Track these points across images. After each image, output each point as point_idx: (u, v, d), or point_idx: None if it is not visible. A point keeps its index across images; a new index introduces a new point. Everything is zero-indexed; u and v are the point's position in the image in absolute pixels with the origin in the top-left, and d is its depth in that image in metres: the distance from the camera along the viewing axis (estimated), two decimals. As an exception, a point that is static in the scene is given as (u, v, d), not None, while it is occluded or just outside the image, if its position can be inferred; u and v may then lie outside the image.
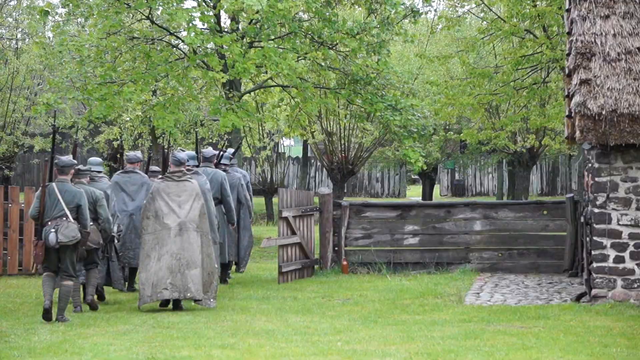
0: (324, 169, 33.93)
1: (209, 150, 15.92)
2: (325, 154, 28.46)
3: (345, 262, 17.16)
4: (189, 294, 12.97)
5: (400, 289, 15.09)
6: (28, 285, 15.44)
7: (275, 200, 28.40)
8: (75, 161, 12.86)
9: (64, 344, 10.45)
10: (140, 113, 22.15)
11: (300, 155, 38.49)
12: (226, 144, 18.18)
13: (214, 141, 25.58)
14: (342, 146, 28.02)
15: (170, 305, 13.17)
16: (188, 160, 14.16)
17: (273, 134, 30.16)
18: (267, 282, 16.16)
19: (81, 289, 13.25)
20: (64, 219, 12.07)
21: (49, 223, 12.07)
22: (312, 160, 40.80)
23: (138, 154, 15.24)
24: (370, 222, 17.50)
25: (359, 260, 17.37)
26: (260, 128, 28.54)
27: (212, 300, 13.26)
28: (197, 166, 15.06)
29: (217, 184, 15.30)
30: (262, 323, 12.02)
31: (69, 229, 12.01)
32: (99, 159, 14.63)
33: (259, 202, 30.53)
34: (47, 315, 11.88)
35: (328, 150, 28.20)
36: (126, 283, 14.85)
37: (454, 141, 34.47)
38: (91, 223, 12.60)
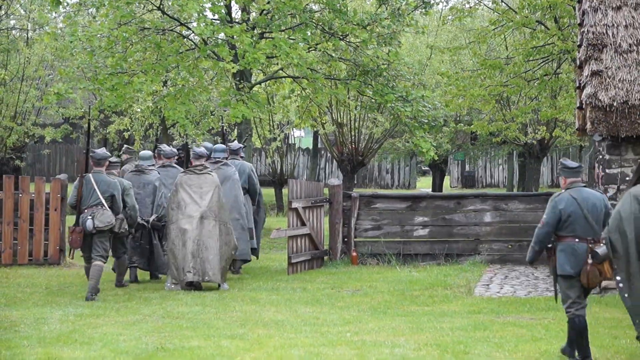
0: (334, 160, 33.92)
1: (235, 144, 16.67)
2: (336, 145, 28.44)
3: (354, 253, 17.16)
4: (206, 277, 14.04)
5: (410, 280, 15.08)
6: (38, 275, 15.49)
7: (285, 191, 28.42)
8: (109, 154, 13.92)
9: (74, 333, 10.48)
10: (150, 104, 22.15)
11: (311, 147, 38.47)
12: (228, 136, 18.07)
13: (224, 130, 25.58)
14: (353, 137, 27.99)
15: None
16: (215, 153, 15.59)
17: (283, 125, 30.14)
18: (277, 273, 16.17)
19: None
20: (100, 207, 13.17)
21: (86, 210, 13.16)
22: (322, 152, 40.78)
23: (173, 149, 16.18)
24: (380, 214, 17.48)
25: (369, 251, 17.36)
26: (271, 119, 28.53)
27: (226, 283, 14.33)
28: (227, 158, 16.03)
29: (244, 175, 16.17)
30: (272, 314, 12.03)
31: (104, 215, 13.12)
32: (149, 152, 15.52)
33: (268, 193, 30.54)
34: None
35: (338, 142, 28.17)
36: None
37: (465, 132, 34.38)
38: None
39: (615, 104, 12.48)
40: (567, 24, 21.72)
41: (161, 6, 19.52)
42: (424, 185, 43.93)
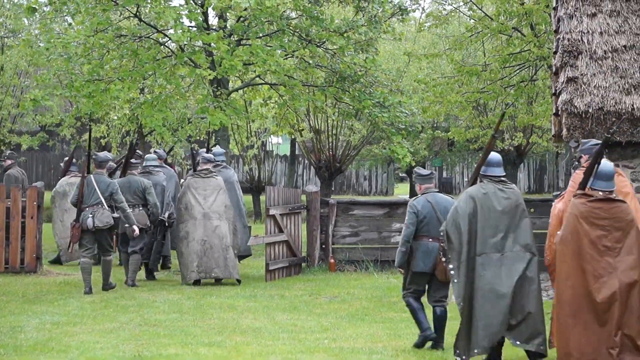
0: (312, 167, 33.89)
1: (219, 150, 17.40)
2: (313, 152, 28.43)
3: (332, 260, 17.17)
4: (213, 274, 15.23)
5: (388, 287, 15.10)
6: (14, 283, 15.39)
7: (262, 198, 28.36)
8: (110, 157, 15.09)
9: (50, 341, 10.43)
10: (127, 111, 22.07)
11: (288, 153, 38.44)
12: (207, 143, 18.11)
13: (201, 139, 25.51)
14: (330, 144, 28.00)
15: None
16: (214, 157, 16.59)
17: (260, 133, 30.11)
18: (254, 280, 16.15)
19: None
20: (100, 206, 14.12)
21: (87, 209, 14.11)
22: (300, 158, 40.75)
23: (161, 151, 17.59)
24: (358, 220, 17.50)
25: (346, 258, 17.37)
26: (248, 127, 28.49)
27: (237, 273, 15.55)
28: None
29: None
30: (249, 321, 12.02)
31: (103, 215, 14.06)
32: (154, 155, 16.84)
33: (246, 200, 30.42)
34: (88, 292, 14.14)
35: (316, 148, 28.16)
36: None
37: (442, 139, 34.49)
38: (140, 208, 15.13)
39: (590, 110, 12.55)
40: (543, 30, 21.85)
41: (138, 13, 19.47)
42: (402, 191, 43.97)
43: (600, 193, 8.89)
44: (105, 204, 14.14)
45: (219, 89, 19.40)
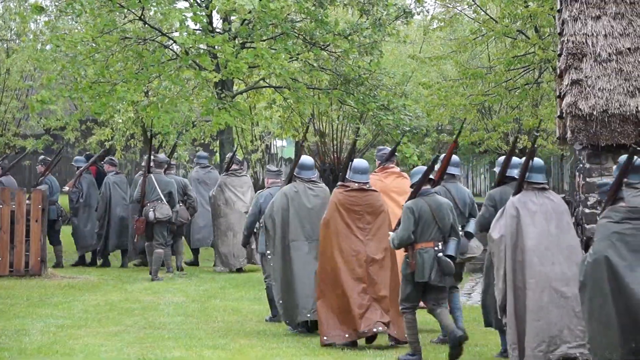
0: (317, 170, 33.87)
1: (162, 156, 18.10)
2: (318, 155, 28.44)
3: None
4: (253, 260, 16.87)
5: (392, 290, 15.05)
6: (19, 286, 15.39)
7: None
8: (168, 158, 17.33)
9: (55, 345, 10.43)
10: (132, 114, 22.08)
11: (293, 157, 38.44)
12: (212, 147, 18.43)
13: (205, 142, 25.53)
14: (335, 147, 28.00)
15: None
16: (199, 160, 19.14)
17: (264, 136, 30.11)
18: (259, 283, 16.11)
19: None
20: (159, 201, 15.97)
21: (148, 204, 15.94)
22: (305, 161, 40.73)
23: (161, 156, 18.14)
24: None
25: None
26: (252, 130, 28.50)
27: None
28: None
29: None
30: (254, 324, 12.03)
31: (163, 209, 15.95)
32: (165, 157, 17.75)
33: (251, 203, 30.41)
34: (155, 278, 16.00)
35: (320, 152, 28.17)
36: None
37: (447, 142, 34.43)
38: (180, 204, 16.81)
39: (595, 112, 12.54)
40: (548, 33, 21.82)
41: (142, 16, 19.48)
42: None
43: (356, 184, 10.60)
44: (164, 199, 16.00)
45: (223, 92, 19.41)
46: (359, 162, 10.78)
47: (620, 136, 12.58)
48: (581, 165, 13.73)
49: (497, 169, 10.46)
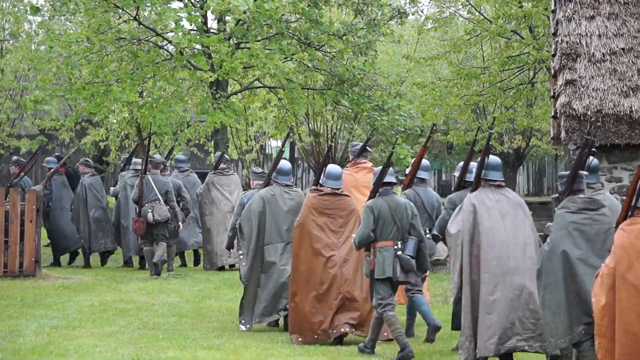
0: (311, 170, 33.88)
1: (159, 157, 18.35)
2: (312, 155, 28.43)
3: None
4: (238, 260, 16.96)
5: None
6: (13, 287, 15.36)
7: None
8: (164, 159, 17.62)
9: (49, 345, 10.42)
10: (127, 115, 22.06)
11: (288, 157, 38.44)
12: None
13: (200, 142, 25.51)
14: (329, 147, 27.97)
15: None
16: (179, 163, 18.67)
17: (259, 137, 30.10)
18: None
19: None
20: (157, 202, 16.23)
21: (146, 205, 16.18)
22: (299, 162, 40.77)
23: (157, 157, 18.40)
24: (357, 223, 17.52)
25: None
26: (247, 130, 28.48)
27: None
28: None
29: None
30: (248, 324, 12.00)
31: (161, 209, 16.22)
32: (162, 158, 18.10)
33: (246, 203, 30.38)
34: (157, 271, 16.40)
35: (315, 152, 28.17)
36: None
37: (441, 142, 34.48)
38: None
39: (589, 112, 12.58)
40: (542, 33, 21.86)
41: (137, 16, 19.46)
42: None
43: (329, 189, 10.82)
44: (161, 199, 16.27)
45: (217, 92, 19.40)
46: (332, 167, 11.03)
47: (614, 136, 12.63)
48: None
49: (456, 174, 10.80)
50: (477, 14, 23.81)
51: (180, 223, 16.99)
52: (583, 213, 8.33)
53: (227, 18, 20.23)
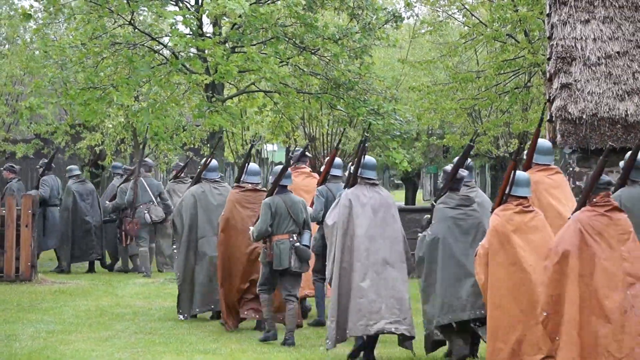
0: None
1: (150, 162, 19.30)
2: (308, 159, 28.40)
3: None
4: None
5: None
6: (9, 291, 15.37)
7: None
8: (154, 163, 18.19)
9: (45, 350, 10.42)
10: (122, 119, 22.04)
11: (284, 161, 38.42)
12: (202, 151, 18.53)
13: (196, 146, 25.50)
14: (325, 151, 28.01)
15: None
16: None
17: (254, 142, 30.10)
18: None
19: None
20: (152, 203, 17.07)
21: (141, 206, 17.00)
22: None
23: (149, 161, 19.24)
24: (353, 227, 17.55)
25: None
26: (243, 134, 28.48)
27: None
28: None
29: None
30: (245, 329, 12.01)
31: (157, 210, 17.10)
32: (152, 162, 19.33)
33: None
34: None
35: (311, 155, 28.14)
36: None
37: (437, 146, 34.52)
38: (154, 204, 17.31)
39: (584, 116, 12.60)
40: (537, 37, 21.88)
41: (132, 21, 19.46)
42: (397, 198, 44.04)
43: (250, 185, 11.90)
44: (155, 201, 17.04)
45: (213, 95, 19.40)
46: (252, 166, 12.13)
47: (609, 139, 12.65)
48: (571, 169, 13.78)
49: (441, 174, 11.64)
50: (472, 17, 23.83)
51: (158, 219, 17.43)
52: (459, 209, 9.61)
53: (222, 22, 20.22)
